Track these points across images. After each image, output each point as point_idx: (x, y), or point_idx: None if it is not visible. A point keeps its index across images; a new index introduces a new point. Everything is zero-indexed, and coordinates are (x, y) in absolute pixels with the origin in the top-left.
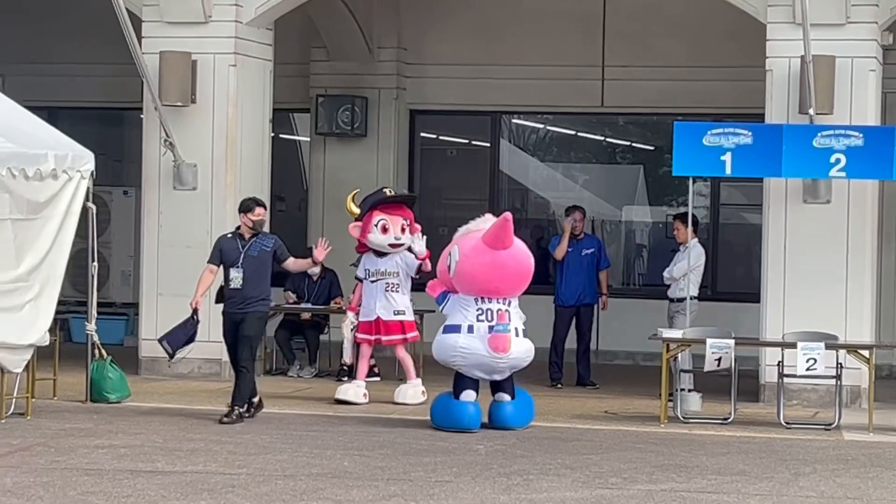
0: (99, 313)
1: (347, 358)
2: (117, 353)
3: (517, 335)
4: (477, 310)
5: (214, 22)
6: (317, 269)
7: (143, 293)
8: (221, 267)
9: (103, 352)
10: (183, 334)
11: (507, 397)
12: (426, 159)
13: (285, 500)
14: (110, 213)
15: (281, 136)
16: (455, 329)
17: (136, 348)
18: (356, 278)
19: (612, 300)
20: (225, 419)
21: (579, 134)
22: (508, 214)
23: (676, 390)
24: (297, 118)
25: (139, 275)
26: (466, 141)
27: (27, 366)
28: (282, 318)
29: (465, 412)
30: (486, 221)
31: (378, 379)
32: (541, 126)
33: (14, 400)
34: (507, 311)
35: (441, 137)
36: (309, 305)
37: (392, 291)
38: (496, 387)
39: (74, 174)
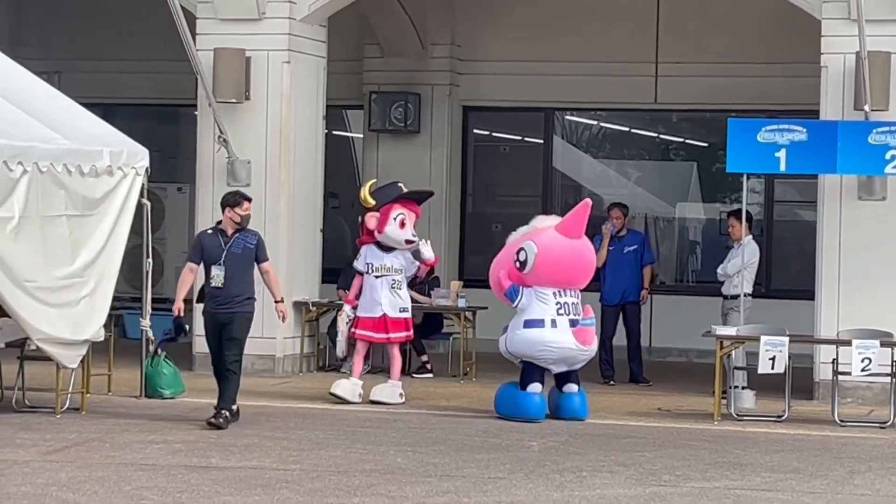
0: (153, 309)
1: (340, 352)
2: (171, 349)
3: (589, 326)
4: (556, 304)
5: (268, 19)
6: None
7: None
8: (202, 265)
9: (158, 348)
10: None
11: (575, 388)
12: (479, 156)
13: (338, 496)
14: (165, 209)
15: (334, 132)
16: (537, 324)
17: (189, 344)
18: (356, 271)
19: (666, 297)
20: (213, 420)
21: (633, 130)
22: (588, 201)
23: (730, 387)
24: (351, 115)
25: None
26: (519, 137)
27: (82, 361)
28: (335, 315)
29: (533, 403)
30: (543, 220)
31: (431, 375)
32: (594, 122)
33: (69, 395)
34: (573, 303)
35: (494, 134)
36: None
37: (397, 288)
38: (564, 379)
39: (129, 171)
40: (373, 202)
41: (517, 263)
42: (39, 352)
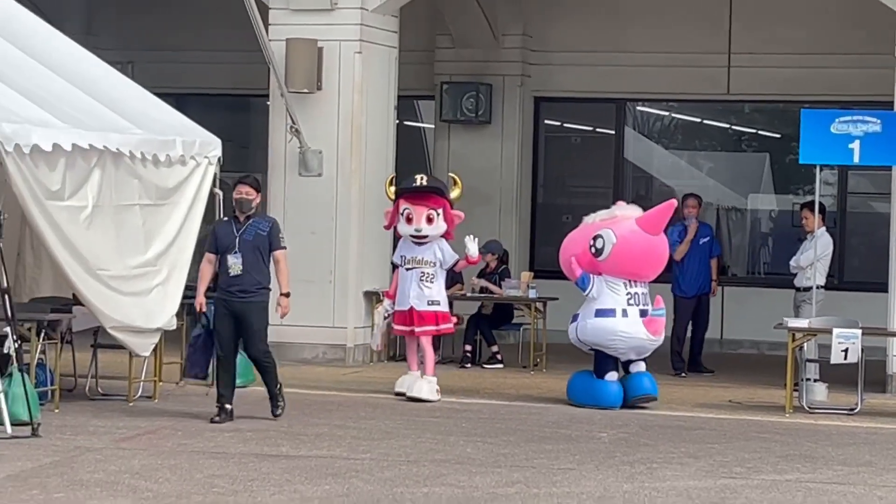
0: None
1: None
2: None
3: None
4: (626, 294)
5: (340, 9)
6: None
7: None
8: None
9: None
10: (203, 353)
11: (643, 366)
12: (550, 147)
13: (408, 486)
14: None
15: (405, 122)
16: (609, 313)
17: None
18: (392, 264)
19: (738, 289)
20: (278, 412)
21: (705, 121)
22: (673, 201)
23: (802, 380)
24: (422, 105)
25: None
26: (591, 128)
27: (154, 350)
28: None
29: (610, 391)
30: (625, 209)
31: (501, 366)
32: (666, 113)
33: (142, 383)
34: (642, 293)
35: (565, 125)
36: None
37: (426, 281)
38: (630, 361)
39: (202, 160)
40: (393, 197)
41: (592, 249)
42: (112, 340)
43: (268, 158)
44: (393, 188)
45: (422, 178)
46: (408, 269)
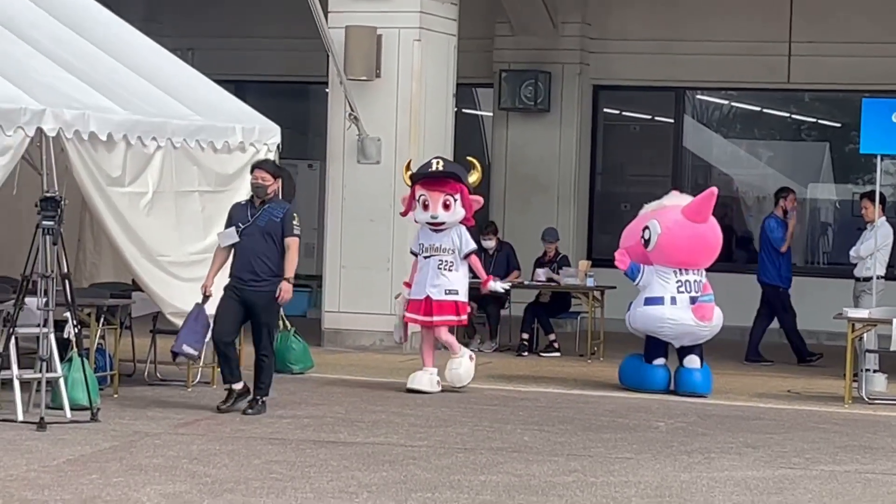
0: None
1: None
2: (300, 324)
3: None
4: (676, 282)
5: None
6: (492, 244)
7: (326, 266)
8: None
9: (287, 323)
10: (200, 327)
11: (697, 362)
12: (609, 135)
13: (465, 474)
14: (295, 186)
15: (464, 110)
16: (657, 301)
17: (318, 320)
18: (411, 252)
19: (797, 279)
20: (249, 411)
21: (764, 110)
22: (714, 189)
23: (861, 371)
24: (480, 93)
25: (323, 247)
26: (650, 117)
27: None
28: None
29: (657, 375)
30: (674, 198)
31: (559, 354)
32: (725, 102)
33: (200, 369)
34: (695, 280)
35: (624, 113)
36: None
37: (445, 269)
38: (686, 353)
39: (261, 147)
40: (410, 183)
41: (642, 240)
42: (171, 325)
43: (326, 146)
44: (409, 173)
45: (438, 163)
46: (426, 258)
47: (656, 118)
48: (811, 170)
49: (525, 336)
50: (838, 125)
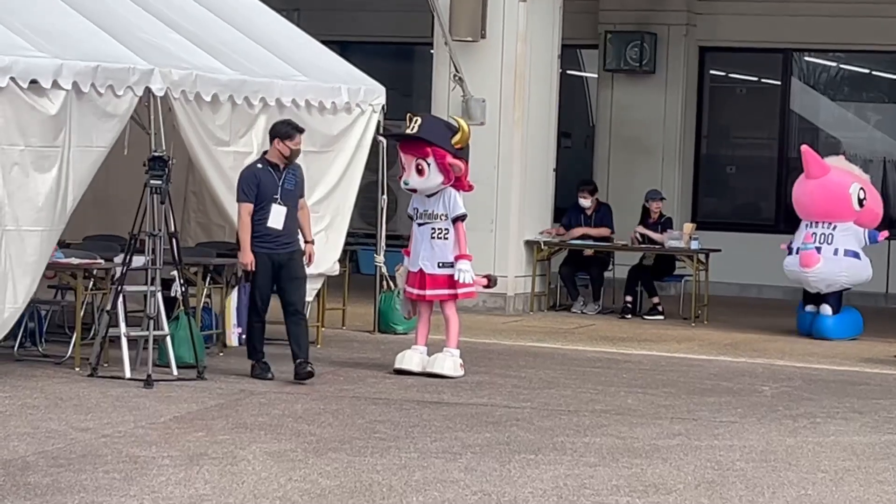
0: (387, 246)
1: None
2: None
3: (835, 254)
4: (804, 234)
5: None
6: (588, 203)
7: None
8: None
9: (391, 283)
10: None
11: (828, 310)
12: (715, 97)
13: (568, 435)
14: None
15: (568, 72)
16: (789, 251)
17: None
18: (408, 216)
19: None
20: (305, 373)
21: (873, 72)
22: (804, 146)
23: None
24: (585, 54)
25: None
26: (756, 79)
27: (317, 295)
28: (566, 254)
29: (801, 319)
30: (836, 160)
31: (662, 318)
32: (833, 64)
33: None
34: (822, 234)
35: (730, 75)
36: (590, 242)
37: (439, 238)
38: (820, 300)
39: (366, 108)
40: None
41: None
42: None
43: (430, 107)
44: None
45: (415, 122)
46: (420, 225)
47: (763, 80)
48: None
49: (629, 298)
50: None
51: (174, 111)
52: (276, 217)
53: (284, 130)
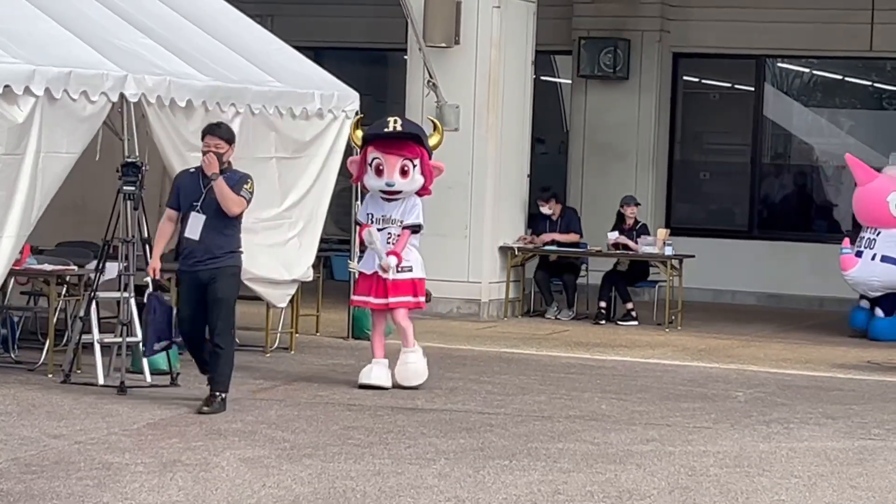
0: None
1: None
2: None
3: (872, 259)
4: (859, 238)
5: None
6: (549, 210)
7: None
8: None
9: None
10: (161, 322)
11: (880, 312)
12: (688, 103)
13: (542, 441)
14: None
15: (542, 78)
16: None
17: None
18: (356, 222)
19: None
20: (205, 409)
21: (846, 79)
22: (847, 155)
23: None
24: (559, 60)
25: None
26: (729, 85)
27: (291, 301)
28: (539, 260)
29: (854, 317)
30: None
31: (636, 323)
32: (806, 70)
33: (279, 334)
34: (868, 238)
35: (704, 81)
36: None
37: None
38: (875, 301)
39: (339, 114)
40: (360, 144)
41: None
42: (249, 291)
43: (405, 113)
44: (360, 133)
45: (396, 122)
46: (378, 230)
47: (736, 86)
48: (893, 139)
49: (602, 304)
50: None
51: (147, 117)
52: (193, 227)
53: (205, 129)
